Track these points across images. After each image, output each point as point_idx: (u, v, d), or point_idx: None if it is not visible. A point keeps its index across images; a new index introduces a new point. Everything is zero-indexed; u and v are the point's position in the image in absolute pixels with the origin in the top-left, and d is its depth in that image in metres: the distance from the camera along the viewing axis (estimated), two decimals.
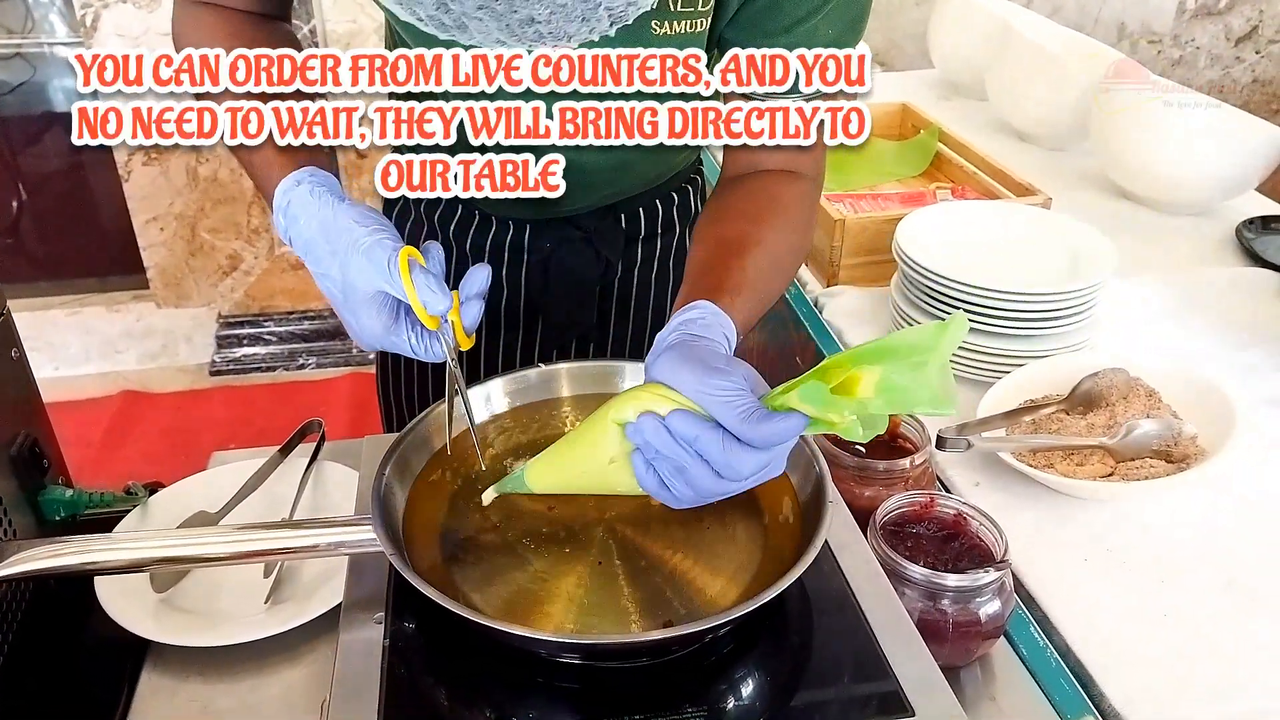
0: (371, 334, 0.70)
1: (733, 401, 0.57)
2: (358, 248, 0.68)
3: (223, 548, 0.71)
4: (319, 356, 2.84)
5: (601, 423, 0.63)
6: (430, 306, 0.67)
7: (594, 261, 1.04)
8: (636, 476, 0.63)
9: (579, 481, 0.67)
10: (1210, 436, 0.98)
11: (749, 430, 0.57)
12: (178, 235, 2.80)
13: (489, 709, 0.64)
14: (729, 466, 0.58)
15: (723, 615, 0.62)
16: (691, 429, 0.58)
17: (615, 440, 0.63)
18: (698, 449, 0.58)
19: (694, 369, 0.59)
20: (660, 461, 0.61)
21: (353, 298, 0.69)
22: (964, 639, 0.78)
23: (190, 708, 0.78)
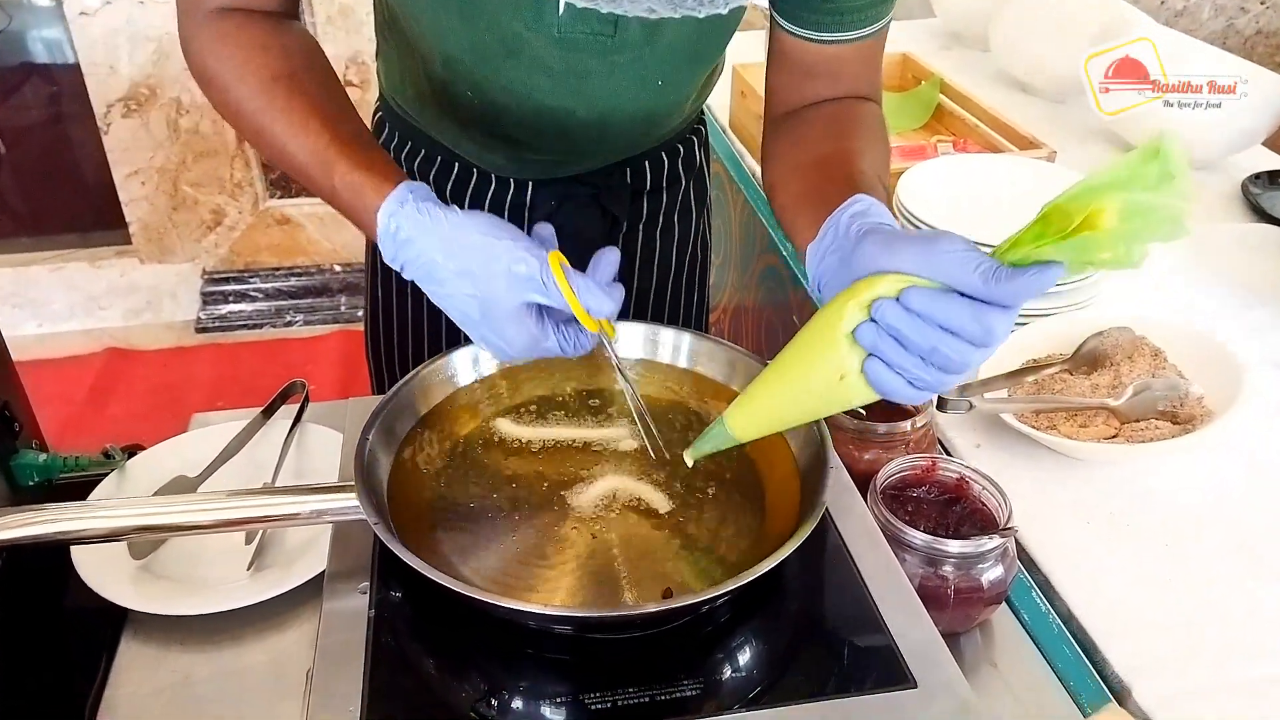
0: (520, 347, 0.67)
1: (970, 262, 0.52)
2: (498, 263, 0.64)
3: (199, 516, 0.68)
4: (306, 314, 2.80)
5: (820, 342, 0.58)
6: (596, 311, 0.65)
7: (600, 219, 1.00)
8: (875, 382, 0.57)
9: (797, 413, 0.63)
10: (1217, 397, 0.96)
11: (999, 290, 0.52)
12: (159, 189, 2.73)
13: (478, 681, 0.62)
14: (986, 332, 0.53)
15: (720, 587, 0.60)
16: (938, 302, 0.53)
17: (842, 354, 0.57)
18: (947, 323, 0.53)
19: (911, 243, 0.55)
20: (902, 355, 0.55)
21: (495, 314, 0.66)
22: (965, 606, 0.76)
23: (171, 677, 0.76)
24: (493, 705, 0.60)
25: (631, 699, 0.60)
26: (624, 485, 0.72)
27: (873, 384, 0.57)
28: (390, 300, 1.04)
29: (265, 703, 0.74)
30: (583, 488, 0.72)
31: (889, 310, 0.55)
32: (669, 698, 0.60)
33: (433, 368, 0.78)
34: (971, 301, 0.53)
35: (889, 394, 0.58)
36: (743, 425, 0.64)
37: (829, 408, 0.61)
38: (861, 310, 0.56)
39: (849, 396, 0.59)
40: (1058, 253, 0.51)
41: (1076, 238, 0.50)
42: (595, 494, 0.71)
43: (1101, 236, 0.50)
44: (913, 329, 0.54)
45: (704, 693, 0.61)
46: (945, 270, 0.53)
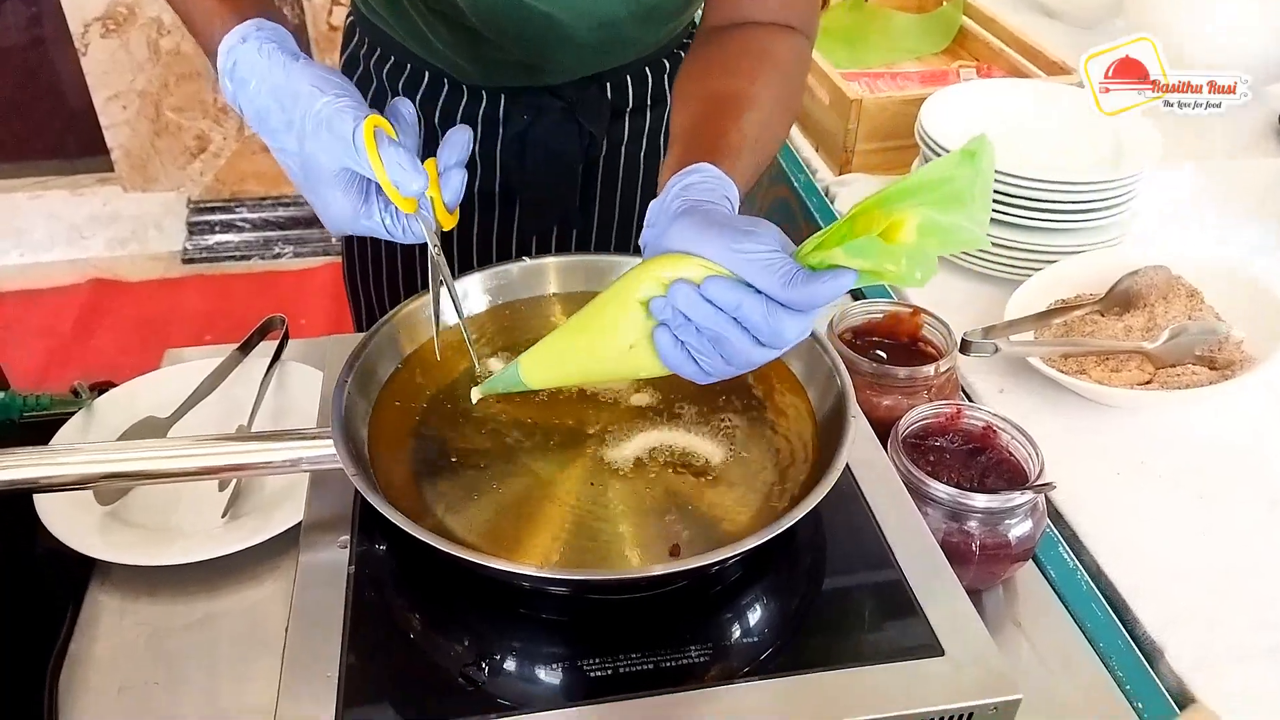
0: (340, 217, 0.62)
1: (772, 264, 0.51)
2: (316, 118, 0.59)
3: (163, 463, 0.63)
4: (296, 245, 2.72)
5: (615, 304, 0.57)
6: (403, 186, 0.59)
7: (576, 136, 0.93)
8: (662, 354, 0.56)
9: (585, 370, 0.61)
10: (1257, 342, 0.90)
11: (794, 294, 0.51)
12: (141, 114, 2.63)
13: (468, 643, 0.57)
14: (774, 334, 0.52)
15: (730, 548, 0.54)
16: (733, 295, 0.52)
17: (635, 321, 0.56)
18: (739, 316, 0.52)
19: (720, 233, 0.53)
20: (692, 335, 0.54)
21: (315, 177, 0.61)
22: (990, 563, 0.71)
23: (140, 630, 0.71)
24: (484, 670, 0.55)
25: (634, 665, 0.55)
26: (625, 431, 0.66)
27: (660, 354, 0.56)
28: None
29: (240, 659, 0.69)
30: (582, 435, 0.66)
31: (682, 294, 0.53)
32: (675, 664, 0.55)
33: (416, 305, 0.72)
34: (767, 300, 0.52)
35: (674, 368, 0.56)
36: (534, 373, 0.62)
37: (618, 371, 0.60)
38: (659, 286, 0.55)
39: (637, 365, 0.58)
40: (847, 258, 0.50)
41: (864, 243, 0.49)
42: (595, 441, 0.66)
43: (895, 249, 0.49)
44: (703, 317, 0.53)
45: (712, 659, 0.56)
46: (746, 269, 0.52)
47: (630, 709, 0.53)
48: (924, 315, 0.85)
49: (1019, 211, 1.02)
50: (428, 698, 0.54)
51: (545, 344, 0.61)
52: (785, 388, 0.70)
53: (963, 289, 1.06)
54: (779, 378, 0.71)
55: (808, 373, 0.69)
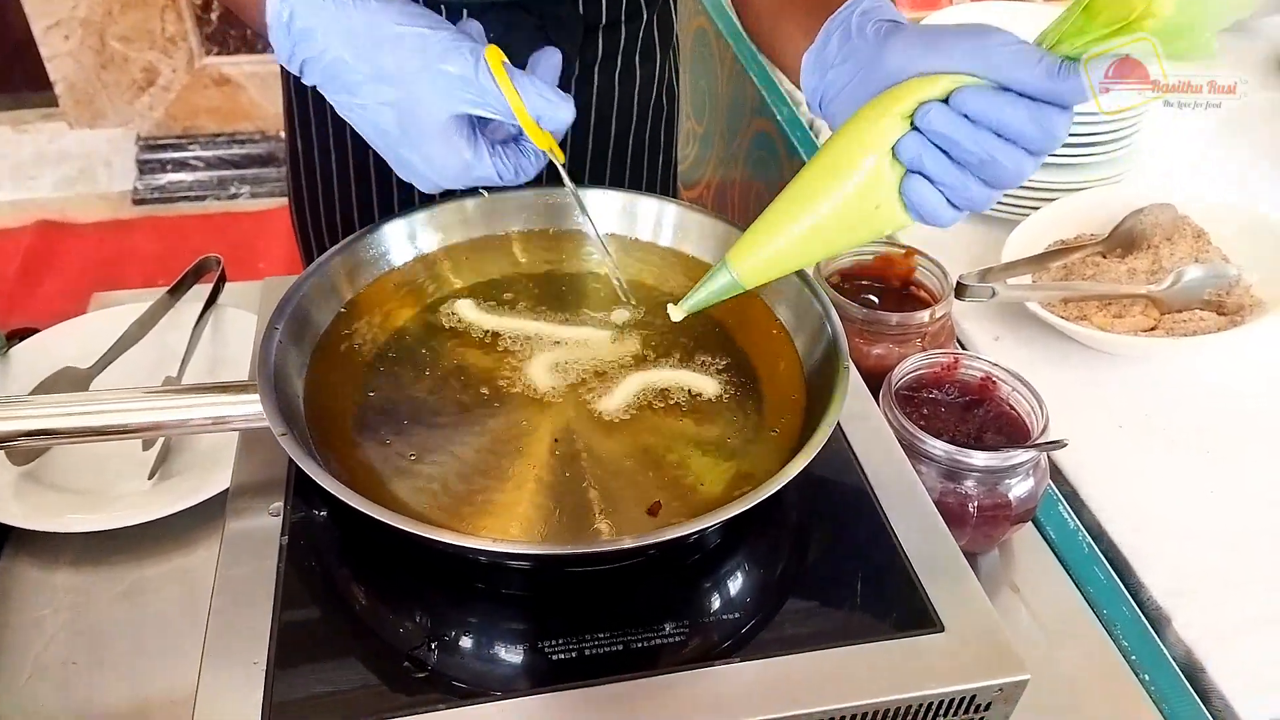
0: (449, 171, 0.55)
1: (1029, 56, 0.46)
2: (424, 59, 0.52)
3: (72, 420, 0.55)
4: (253, 185, 2.60)
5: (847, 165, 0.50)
6: (549, 119, 0.54)
7: None
8: (917, 204, 0.50)
9: (815, 249, 0.53)
10: (1268, 285, 0.85)
11: (1064, 85, 0.46)
12: (84, 44, 2.48)
13: (416, 621, 0.51)
14: (1047, 135, 0.47)
15: (708, 516, 0.48)
16: (995, 102, 0.47)
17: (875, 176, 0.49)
18: (1005, 126, 0.47)
19: (958, 38, 0.47)
20: (949, 170, 0.48)
21: (418, 129, 0.54)
22: (988, 525, 0.66)
23: (60, 601, 0.65)
24: (433, 651, 0.49)
25: (601, 646, 0.49)
26: (596, 386, 0.60)
27: (914, 206, 0.50)
28: (313, 160, 0.89)
29: (170, 635, 0.63)
30: (545, 388, 0.60)
31: (938, 116, 0.47)
32: (647, 645, 0.50)
33: (360, 243, 0.64)
34: (1030, 101, 0.47)
35: (928, 215, 0.51)
36: (750, 266, 0.54)
37: (855, 240, 0.53)
38: (901, 121, 0.48)
39: (879, 225, 0.52)
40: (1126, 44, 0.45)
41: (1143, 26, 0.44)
42: (561, 395, 0.59)
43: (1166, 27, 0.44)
44: (967, 136, 0.47)
45: (688, 638, 0.50)
46: (1002, 67, 0.46)
47: (597, 696, 0.47)
48: (918, 257, 0.79)
49: None
50: (369, 686, 0.48)
51: (757, 231, 0.53)
52: (770, 334, 0.63)
53: (956, 229, 0.98)
54: (762, 324, 0.64)
55: (795, 320, 0.63)
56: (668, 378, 0.60)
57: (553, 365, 0.61)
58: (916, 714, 0.49)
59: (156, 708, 0.59)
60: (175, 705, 0.59)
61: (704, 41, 1.50)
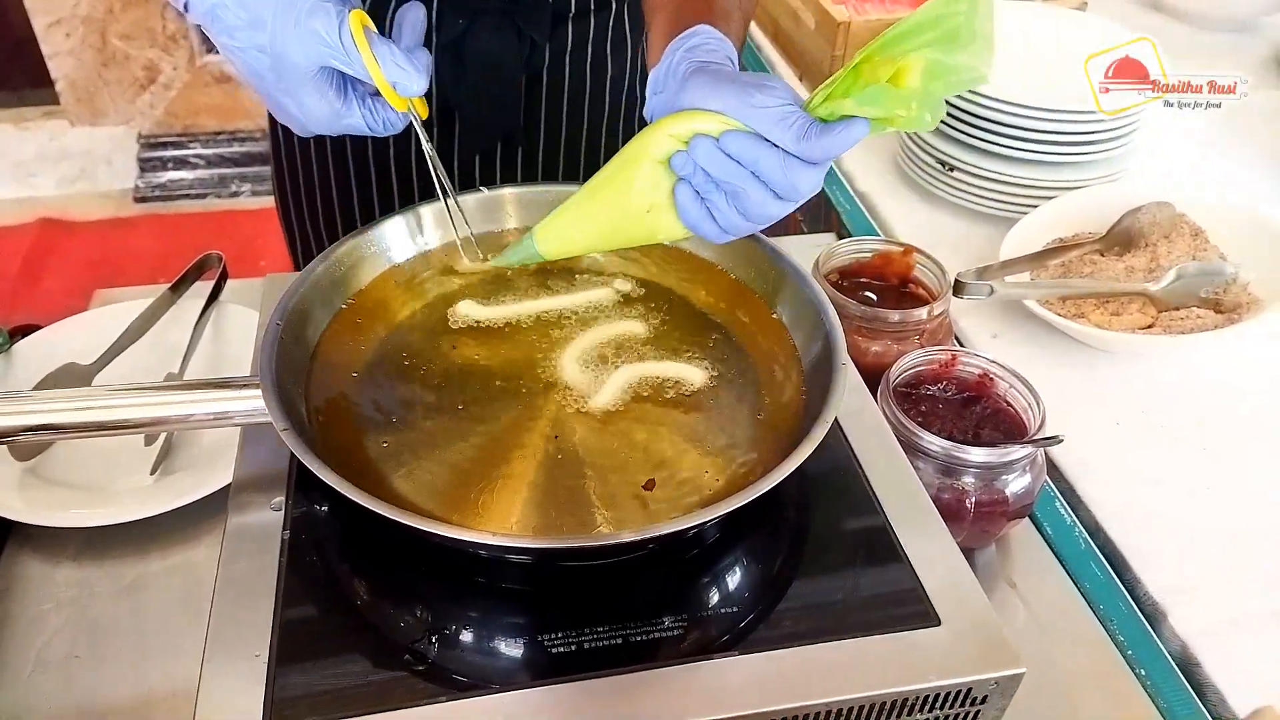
0: (317, 117, 0.59)
1: (786, 118, 0.51)
2: (293, 14, 0.55)
3: (74, 415, 0.56)
4: (253, 182, 2.60)
5: (632, 165, 0.56)
6: (403, 87, 0.56)
7: (516, 44, 0.85)
8: (682, 210, 0.55)
9: (602, 236, 0.59)
10: (1265, 283, 0.85)
11: (808, 147, 0.51)
12: (86, 42, 2.48)
13: (416, 615, 0.51)
14: (790, 187, 0.53)
15: (706, 511, 0.49)
16: (751, 149, 0.52)
17: (653, 181, 0.56)
18: (757, 170, 0.53)
19: (735, 89, 0.52)
20: (712, 191, 0.54)
21: (290, 77, 0.57)
22: (985, 521, 0.67)
23: (63, 595, 0.65)
24: (433, 644, 0.50)
25: (600, 640, 0.50)
26: (597, 379, 0.60)
27: (680, 210, 0.55)
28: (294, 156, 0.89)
29: (171, 629, 0.63)
30: (545, 384, 0.60)
31: (703, 147, 0.53)
32: (645, 638, 0.50)
33: (359, 240, 0.65)
34: (783, 154, 0.52)
35: (693, 225, 0.56)
36: (550, 242, 0.60)
37: (635, 236, 0.58)
38: (677, 142, 0.54)
39: (654, 228, 0.57)
40: (858, 107, 0.49)
41: (873, 91, 0.49)
42: (559, 392, 0.59)
43: (904, 94, 0.49)
44: (722, 170, 0.53)
45: (686, 631, 0.50)
46: (761, 121, 0.52)
47: (596, 688, 0.48)
48: (916, 255, 0.79)
49: (1015, 143, 0.95)
50: (370, 679, 0.48)
51: (560, 211, 0.59)
52: (768, 331, 0.64)
53: (955, 227, 1.00)
54: (760, 320, 0.65)
55: (794, 316, 0.63)
56: (663, 370, 0.61)
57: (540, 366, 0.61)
58: (913, 707, 0.49)
59: (159, 702, 0.60)
60: (177, 699, 0.59)
61: None
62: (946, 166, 0.99)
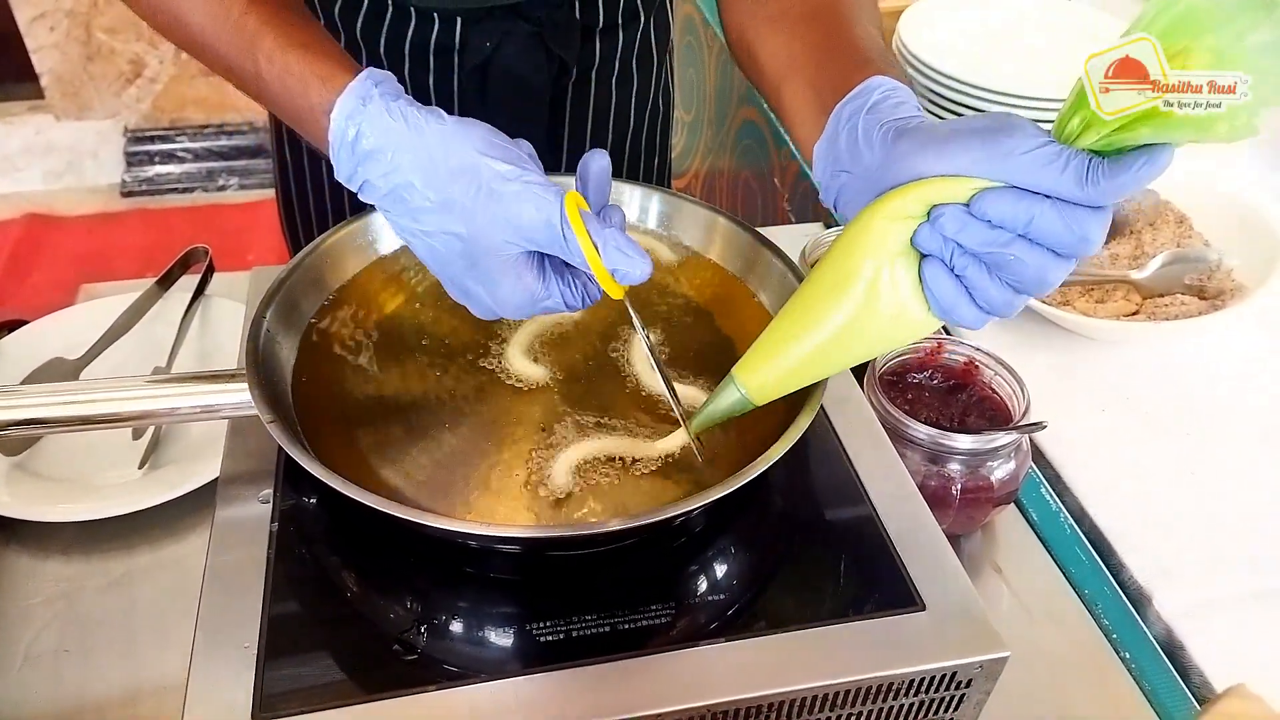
0: (515, 303, 0.51)
1: (1054, 160, 0.41)
2: (497, 197, 0.48)
3: (61, 409, 0.56)
4: (241, 176, 2.59)
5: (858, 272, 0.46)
6: (624, 276, 0.49)
7: (544, 63, 0.83)
8: (936, 299, 0.45)
9: (832, 361, 0.49)
10: (1249, 270, 0.86)
11: (1097, 191, 0.41)
12: (70, 36, 2.46)
13: (405, 606, 0.52)
14: (1080, 240, 0.43)
15: (695, 498, 0.49)
16: (1017, 207, 0.42)
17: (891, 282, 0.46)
18: (1029, 231, 0.43)
19: (971, 138, 0.43)
20: (969, 267, 0.44)
21: (487, 264, 0.50)
22: (971, 507, 0.67)
23: (53, 589, 0.65)
24: (422, 634, 0.50)
25: (589, 628, 0.50)
26: (582, 375, 0.60)
27: (934, 299, 0.45)
28: (300, 154, 0.89)
29: (161, 623, 0.63)
30: (533, 377, 0.60)
31: (952, 219, 0.43)
32: (633, 626, 0.50)
33: (346, 233, 0.65)
34: (1059, 203, 0.42)
35: (948, 312, 0.46)
36: (760, 383, 0.50)
37: (875, 347, 0.49)
38: (913, 221, 0.44)
39: (897, 333, 0.47)
40: (1163, 133, 0.39)
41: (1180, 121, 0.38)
42: (549, 384, 0.60)
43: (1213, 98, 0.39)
44: (984, 239, 0.43)
45: (674, 619, 0.51)
46: (1024, 173, 0.42)
47: (584, 676, 0.48)
48: None
49: None
50: (359, 669, 0.49)
51: (766, 345, 0.50)
52: (754, 319, 0.64)
53: None
54: (745, 308, 0.65)
55: (779, 304, 0.64)
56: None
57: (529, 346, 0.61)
58: (899, 690, 0.50)
59: (148, 694, 0.60)
60: (167, 692, 0.59)
61: (692, 30, 1.50)
62: None
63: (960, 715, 0.53)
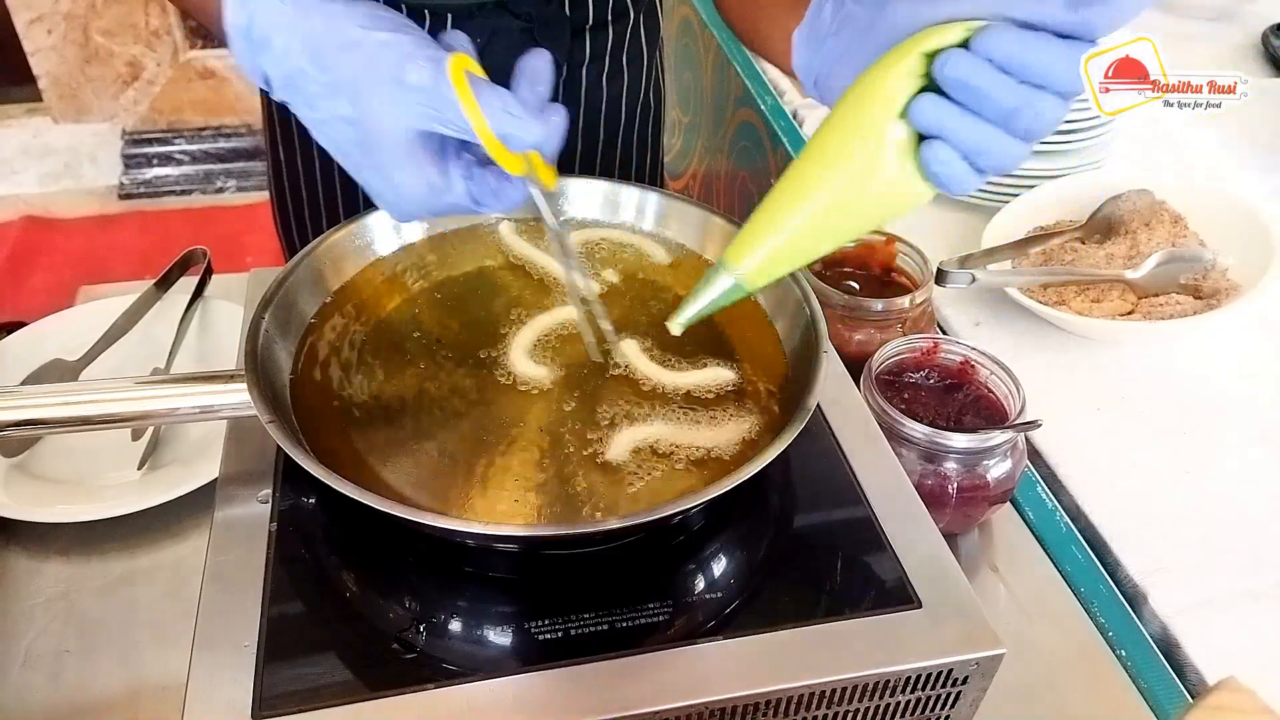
0: (413, 196, 0.50)
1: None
2: (379, 69, 0.46)
3: (60, 410, 0.56)
4: (239, 178, 2.60)
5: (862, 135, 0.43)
6: (515, 139, 0.46)
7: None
8: (938, 172, 0.43)
9: (825, 238, 0.47)
10: (1244, 269, 0.86)
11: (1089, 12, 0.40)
12: (68, 39, 2.47)
13: (404, 605, 0.52)
14: (1076, 76, 0.42)
15: (691, 496, 0.49)
16: (1024, 42, 0.41)
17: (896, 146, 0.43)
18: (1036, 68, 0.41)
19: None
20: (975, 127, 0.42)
21: (379, 147, 0.48)
22: (967, 506, 0.67)
23: (52, 589, 0.66)
24: (421, 633, 0.50)
25: (587, 626, 0.50)
26: (579, 373, 0.61)
27: (936, 176, 0.43)
28: (294, 155, 0.89)
29: (161, 623, 0.64)
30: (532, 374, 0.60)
31: (961, 64, 0.41)
32: (631, 624, 0.50)
33: (344, 233, 0.65)
34: (1060, 38, 0.41)
35: (953, 184, 0.44)
36: (753, 266, 0.47)
37: (867, 221, 0.46)
38: (911, 80, 0.42)
39: (895, 203, 0.45)
40: None
41: None
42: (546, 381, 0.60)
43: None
44: (995, 83, 0.41)
45: (672, 617, 0.51)
46: (1021, 3, 0.41)
47: (583, 674, 0.48)
48: (898, 244, 0.79)
49: None
50: (358, 667, 0.49)
51: (755, 228, 0.46)
52: (749, 317, 0.64)
53: (936, 216, 1.01)
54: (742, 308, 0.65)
55: (776, 305, 0.64)
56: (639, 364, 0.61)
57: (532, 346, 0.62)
58: (896, 688, 0.50)
59: (148, 694, 0.60)
60: (167, 691, 0.60)
61: (689, 32, 1.51)
62: None
63: (956, 713, 0.53)
